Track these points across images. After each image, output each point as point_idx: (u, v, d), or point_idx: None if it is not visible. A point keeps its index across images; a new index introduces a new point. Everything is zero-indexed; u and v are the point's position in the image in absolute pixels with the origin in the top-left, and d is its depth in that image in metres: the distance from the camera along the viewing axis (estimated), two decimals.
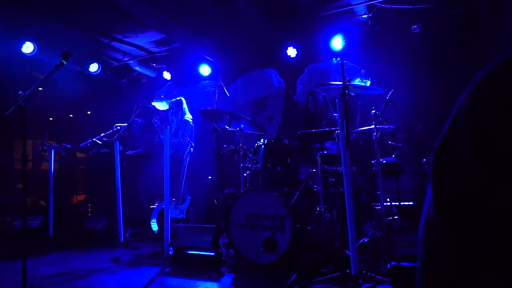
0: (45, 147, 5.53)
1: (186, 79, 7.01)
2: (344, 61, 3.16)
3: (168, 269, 3.58)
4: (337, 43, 5.30)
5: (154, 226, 4.85)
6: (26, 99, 2.57)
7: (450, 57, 4.67)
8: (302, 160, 4.13)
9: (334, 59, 5.80)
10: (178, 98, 5.46)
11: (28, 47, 5.80)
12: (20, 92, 2.56)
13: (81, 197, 7.21)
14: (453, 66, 4.58)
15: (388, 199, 3.65)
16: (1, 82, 5.63)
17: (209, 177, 5.57)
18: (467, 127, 0.59)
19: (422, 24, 4.93)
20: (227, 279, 3.21)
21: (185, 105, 5.43)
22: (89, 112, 8.37)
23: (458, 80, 4.37)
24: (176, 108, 5.36)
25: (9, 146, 8.29)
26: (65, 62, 2.84)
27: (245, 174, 4.04)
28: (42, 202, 6.70)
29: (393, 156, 4.08)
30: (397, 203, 3.86)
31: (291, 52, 5.84)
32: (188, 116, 5.38)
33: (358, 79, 5.25)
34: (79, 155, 6.74)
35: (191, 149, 4.98)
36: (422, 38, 4.96)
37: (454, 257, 0.58)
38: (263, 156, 3.91)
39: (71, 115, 8.59)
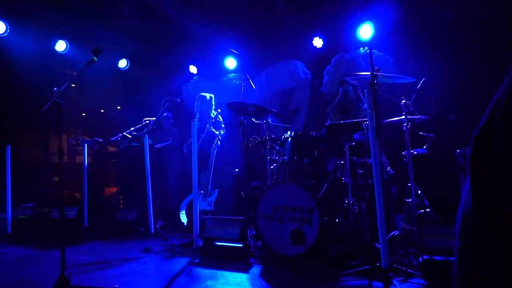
0: (79, 141, 5.75)
1: (212, 73, 7.06)
2: (372, 50, 3.07)
3: (197, 260, 3.65)
4: (365, 31, 5.16)
5: (183, 218, 4.95)
6: (60, 95, 2.67)
7: (485, 44, 4.43)
8: (329, 152, 4.08)
9: (361, 48, 5.66)
10: (209, 95, 5.46)
11: (60, 45, 6.01)
12: (55, 88, 2.66)
13: (113, 189, 7.46)
14: (489, 53, 4.35)
15: (419, 191, 3.55)
16: (36, 79, 5.88)
17: (236, 170, 5.61)
18: (507, 117, 0.56)
19: (455, 9, 4.70)
20: (256, 270, 3.24)
21: (212, 101, 5.47)
22: (119, 107, 8.61)
23: (494, 68, 4.15)
24: (205, 103, 5.39)
25: (45, 141, 8.70)
26: (95, 59, 2.92)
27: (272, 167, 4.04)
28: (77, 194, 6.98)
29: (424, 147, 3.95)
30: (429, 195, 3.74)
31: (317, 42, 5.75)
32: (214, 112, 5.44)
33: None
34: (111, 148, 6.95)
35: (218, 142, 5.03)
36: (456, 25, 4.74)
37: (493, 251, 0.56)
38: (290, 149, 3.90)
39: (102, 110, 8.88)
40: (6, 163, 5.36)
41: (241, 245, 3.63)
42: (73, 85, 2.94)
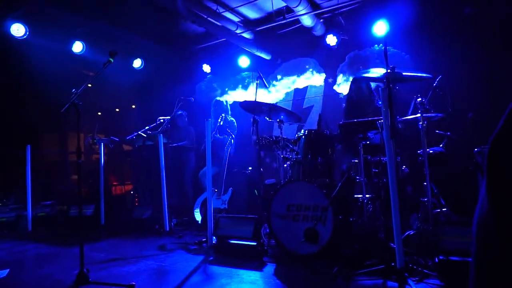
0: (95, 140, 5.86)
1: (226, 72, 7.08)
2: (388, 47, 3.03)
3: (211, 258, 3.69)
4: (379, 28, 5.09)
5: (198, 216, 5.00)
6: (78, 96, 2.73)
7: (505, 40, 4.32)
8: (343, 151, 4.05)
9: (376, 45, 5.59)
10: (223, 100, 5.65)
11: (77, 46, 6.12)
12: (74, 90, 2.72)
13: (129, 188, 7.58)
14: (509, 50, 4.24)
15: (435, 191, 3.50)
16: (54, 79, 6.01)
17: (250, 168, 5.64)
18: None
19: (474, 4, 4.58)
20: (269, 268, 3.26)
21: (228, 106, 5.66)
22: (133, 106, 8.74)
23: None
24: (219, 108, 5.60)
25: (63, 140, 8.89)
26: (112, 60, 2.97)
27: (285, 165, 4.04)
28: (94, 192, 7.13)
29: (441, 145, 3.89)
30: (446, 195, 3.69)
31: (331, 40, 5.71)
32: (230, 117, 5.60)
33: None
34: (126, 147, 7.06)
35: (232, 140, 5.06)
36: (474, 20, 4.63)
37: (510, 256, 0.55)
38: (304, 147, 3.89)
39: (117, 109, 9.03)
40: (26, 163, 5.51)
41: (255, 244, 3.66)
42: (89, 85, 3.00)
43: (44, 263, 3.75)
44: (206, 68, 7.08)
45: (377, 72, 3.26)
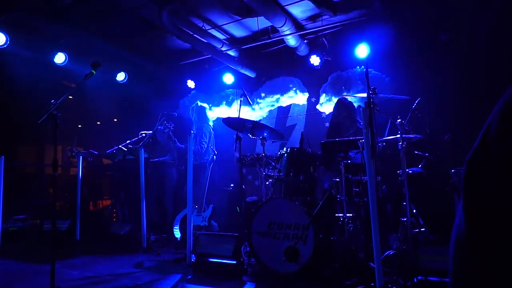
0: (74, 153, 5.71)
1: (210, 88, 7.10)
2: (369, 69, 3.11)
3: (190, 276, 3.60)
4: (361, 51, 5.24)
5: (177, 233, 4.90)
6: (57, 107, 2.67)
7: (481, 63, 4.50)
8: (325, 169, 4.08)
9: (358, 67, 5.74)
10: (200, 104, 5.56)
11: (60, 58, 6.03)
12: (52, 100, 2.67)
13: (107, 202, 7.38)
14: (484, 73, 4.42)
15: (414, 211, 3.54)
16: (34, 90, 5.88)
17: (231, 185, 5.59)
18: (499, 142, 0.57)
19: (452, 29, 4.78)
20: None
21: (207, 113, 5.55)
22: (115, 120, 8.61)
23: (489, 87, 4.21)
24: (196, 113, 5.47)
25: (40, 152, 8.65)
26: (94, 72, 2.94)
27: (267, 183, 4.03)
28: (70, 207, 6.90)
29: (419, 166, 3.97)
30: (424, 215, 3.73)
31: (315, 60, 5.83)
32: (209, 124, 5.51)
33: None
34: (105, 161, 6.91)
35: (214, 157, 5.02)
36: (451, 45, 4.82)
37: (486, 275, 0.56)
38: (286, 165, 3.90)
39: (98, 122, 8.88)
40: None
41: (235, 262, 3.59)
42: (70, 97, 2.94)
43: (12, 281, 3.57)
44: (191, 83, 7.08)
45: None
